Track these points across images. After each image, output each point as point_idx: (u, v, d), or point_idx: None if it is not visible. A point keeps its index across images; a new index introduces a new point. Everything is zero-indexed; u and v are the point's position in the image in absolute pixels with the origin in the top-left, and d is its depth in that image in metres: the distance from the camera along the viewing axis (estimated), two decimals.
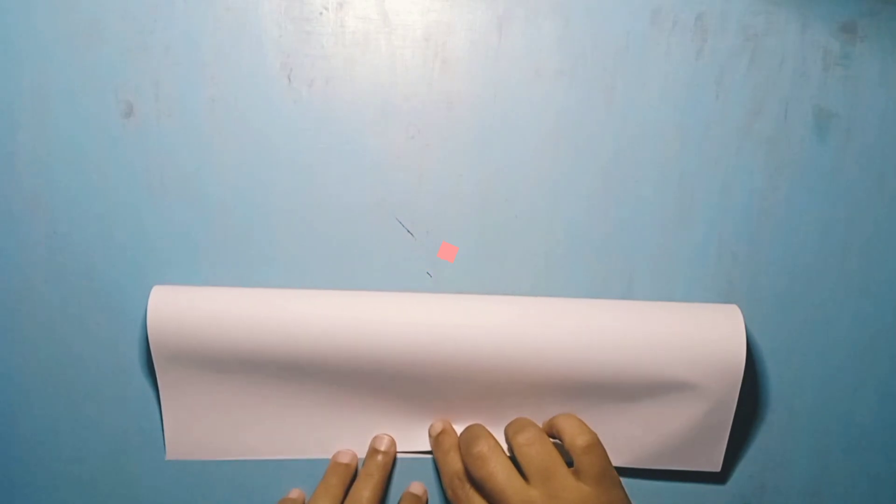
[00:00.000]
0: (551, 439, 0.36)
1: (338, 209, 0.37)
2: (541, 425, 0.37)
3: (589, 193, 0.38)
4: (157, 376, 0.37)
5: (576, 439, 0.35)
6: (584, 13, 0.37)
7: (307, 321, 0.35)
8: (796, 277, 0.39)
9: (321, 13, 0.37)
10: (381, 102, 0.37)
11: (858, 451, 0.39)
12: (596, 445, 0.35)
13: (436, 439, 0.38)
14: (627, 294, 0.38)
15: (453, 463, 0.36)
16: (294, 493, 0.38)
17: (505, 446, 0.36)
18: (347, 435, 0.38)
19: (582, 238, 0.38)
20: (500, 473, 0.33)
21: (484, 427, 0.37)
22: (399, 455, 0.38)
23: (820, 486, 0.39)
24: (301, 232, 0.37)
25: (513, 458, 0.35)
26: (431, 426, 0.38)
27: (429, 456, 0.38)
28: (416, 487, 0.38)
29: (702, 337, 0.36)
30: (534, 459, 0.34)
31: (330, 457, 0.38)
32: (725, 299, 0.38)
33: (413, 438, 0.38)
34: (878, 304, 0.39)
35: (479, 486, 0.34)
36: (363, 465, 0.38)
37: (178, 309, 0.35)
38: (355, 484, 0.37)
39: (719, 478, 0.39)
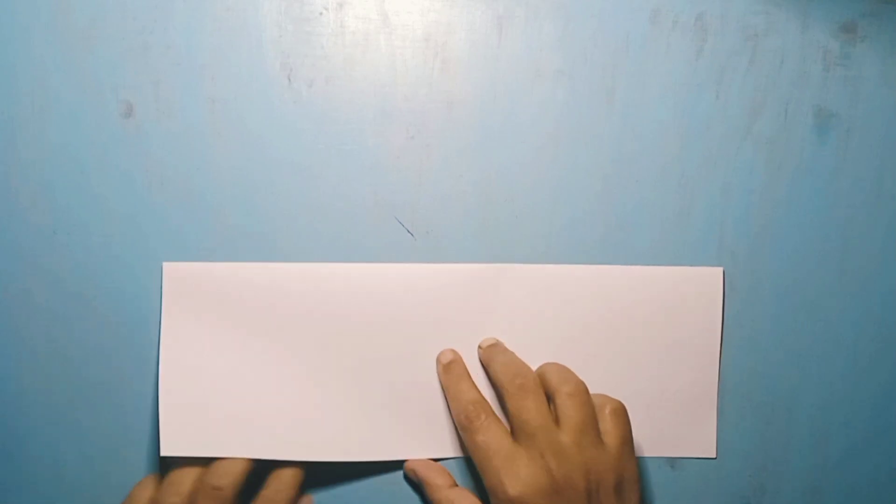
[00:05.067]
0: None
1: (338, 209, 0.37)
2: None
3: (589, 193, 0.38)
4: (160, 362, 0.36)
5: (561, 386, 0.35)
6: (584, 13, 0.37)
7: (320, 291, 0.37)
8: (796, 277, 0.39)
9: (321, 13, 0.37)
10: (381, 102, 0.37)
11: (858, 451, 0.39)
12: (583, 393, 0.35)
13: (446, 366, 0.37)
14: None
15: (468, 390, 0.36)
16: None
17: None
18: (353, 437, 0.38)
19: (582, 238, 0.38)
20: (539, 408, 0.33)
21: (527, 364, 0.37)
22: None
23: (820, 486, 0.39)
24: (301, 232, 0.37)
25: None
26: (441, 354, 0.37)
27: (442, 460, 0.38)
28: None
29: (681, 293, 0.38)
30: (576, 411, 0.34)
31: (335, 459, 0.37)
32: (725, 298, 0.38)
33: (423, 443, 0.38)
34: (878, 305, 0.39)
35: (511, 414, 0.34)
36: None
37: (193, 283, 0.36)
38: None
39: (719, 477, 0.39)
